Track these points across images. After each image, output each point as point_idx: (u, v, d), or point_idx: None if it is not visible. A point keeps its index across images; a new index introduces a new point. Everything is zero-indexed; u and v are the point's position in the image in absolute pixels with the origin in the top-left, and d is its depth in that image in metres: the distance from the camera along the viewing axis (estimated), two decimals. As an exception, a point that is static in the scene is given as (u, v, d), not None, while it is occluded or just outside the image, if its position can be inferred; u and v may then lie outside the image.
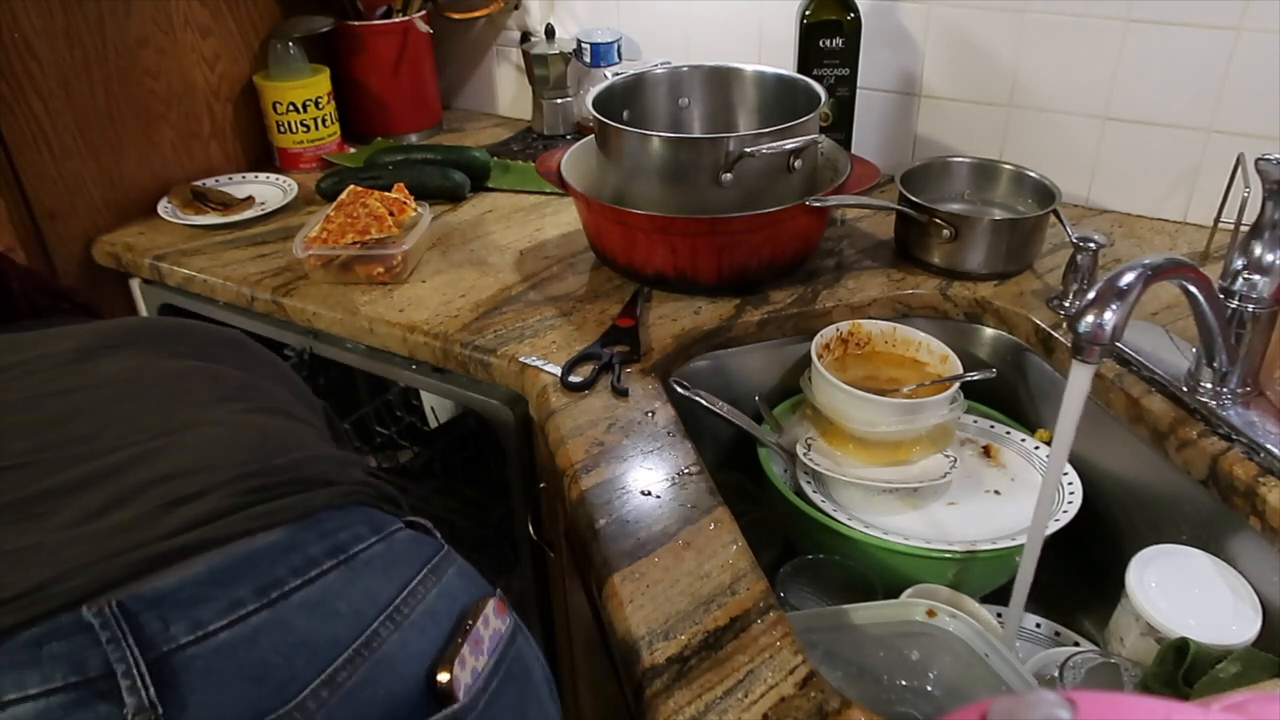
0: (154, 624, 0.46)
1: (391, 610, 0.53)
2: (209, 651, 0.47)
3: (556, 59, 1.42)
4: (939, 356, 0.96)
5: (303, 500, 0.55)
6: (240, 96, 1.36)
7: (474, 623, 0.56)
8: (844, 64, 1.14)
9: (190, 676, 0.46)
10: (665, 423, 0.83)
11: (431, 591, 0.56)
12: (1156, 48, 1.08)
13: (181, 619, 0.47)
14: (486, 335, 0.96)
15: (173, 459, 0.55)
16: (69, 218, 1.19)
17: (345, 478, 0.60)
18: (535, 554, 1.06)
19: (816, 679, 0.59)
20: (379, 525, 0.58)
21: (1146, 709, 0.30)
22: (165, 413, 0.59)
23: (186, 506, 0.52)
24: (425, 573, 0.57)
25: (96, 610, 0.45)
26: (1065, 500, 0.86)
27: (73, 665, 0.44)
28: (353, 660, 0.50)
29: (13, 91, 1.10)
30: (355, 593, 0.53)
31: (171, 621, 0.47)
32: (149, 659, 0.45)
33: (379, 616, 0.52)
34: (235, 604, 0.48)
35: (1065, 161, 1.18)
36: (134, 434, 0.56)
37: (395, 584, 0.55)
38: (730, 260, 0.98)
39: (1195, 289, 0.72)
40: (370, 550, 0.55)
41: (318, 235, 1.07)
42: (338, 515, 0.56)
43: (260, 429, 0.60)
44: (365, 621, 0.52)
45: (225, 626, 0.48)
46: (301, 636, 0.49)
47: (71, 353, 0.62)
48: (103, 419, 0.57)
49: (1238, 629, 0.72)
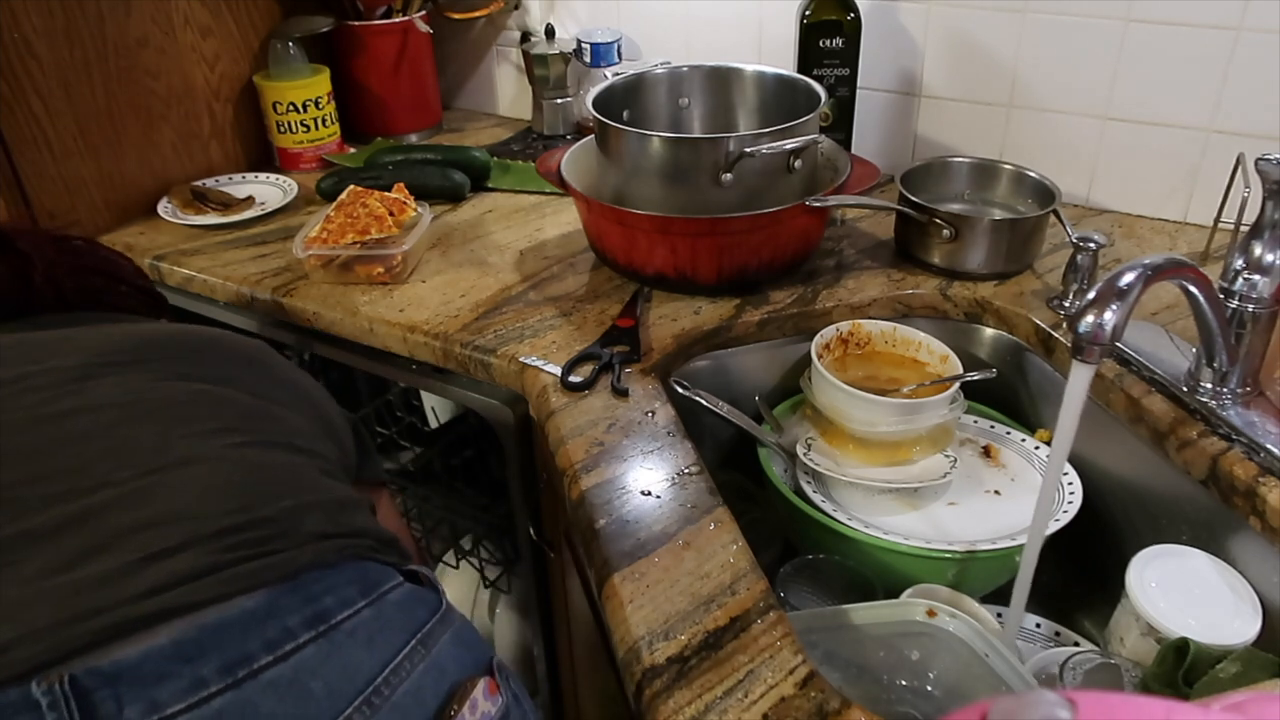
0: (108, 704, 0.43)
1: (371, 692, 0.49)
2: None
3: (556, 59, 1.42)
4: (939, 356, 0.96)
5: (288, 559, 0.52)
6: (240, 96, 1.36)
7: (459, 708, 0.52)
8: (844, 64, 1.14)
9: None
10: (665, 423, 0.83)
11: (419, 667, 0.53)
12: (1156, 48, 1.08)
13: (137, 700, 0.43)
14: (486, 335, 0.96)
15: (156, 503, 0.52)
16: (69, 218, 1.19)
17: (340, 527, 0.56)
18: (535, 554, 1.06)
19: (816, 679, 0.59)
20: (370, 585, 0.54)
21: (1146, 709, 0.30)
22: (159, 445, 0.56)
23: (163, 563, 0.49)
24: (414, 644, 0.53)
25: (46, 687, 0.42)
26: (1065, 500, 0.86)
27: None
28: None
29: (13, 91, 1.10)
30: (332, 670, 0.49)
31: (127, 703, 0.43)
32: None
33: (356, 699, 0.48)
34: (198, 683, 0.45)
35: (1065, 161, 1.18)
36: (122, 470, 0.54)
37: (378, 659, 0.51)
38: (730, 260, 0.98)
39: (1195, 289, 0.72)
40: (355, 618, 0.52)
41: (318, 235, 1.07)
42: (325, 575, 0.52)
43: (256, 469, 0.57)
44: (340, 704, 0.48)
45: (184, 710, 0.44)
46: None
47: (77, 369, 0.59)
48: (95, 449, 0.55)
49: (1238, 629, 0.72)
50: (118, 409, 0.57)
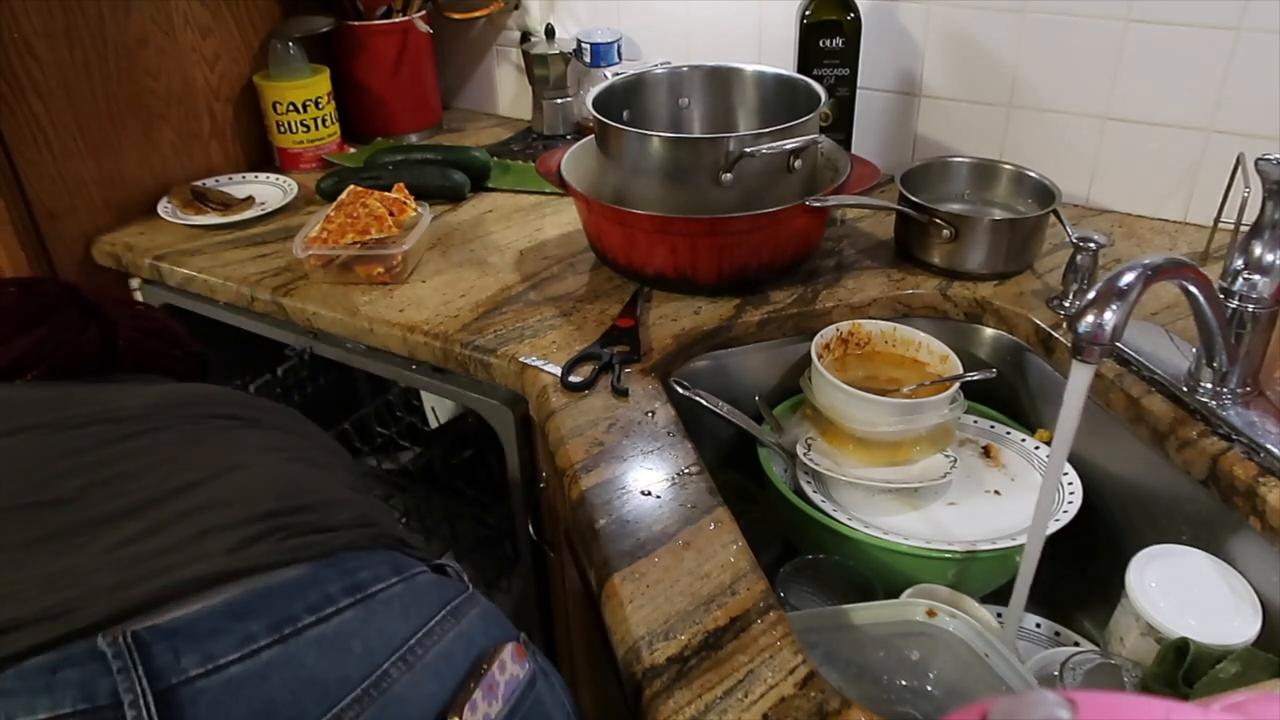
0: (165, 655, 0.47)
1: (405, 651, 0.53)
2: (218, 685, 0.48)
3: (556, 59, 1.42)
4: (939, 356, 0.96)
5: (327, 539, 0.56)
6: (240, 96, 1.36)
7: (489, 667, 0.56)
8: (844, 64, 1.14)
9: (196, 709, 0.47)
10: (665, 423, 0.83)
11: (449, 634, 0.56)
12: (1156, 48, 1.08)
13: (193, 651, 0.48)
14: (486, 335, 0.96)
15: (211, 493, 0.58)
16: (69, 218, 1.19)
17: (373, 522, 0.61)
18: (535, 554, 1.06)
19: (816, 679, 0.59)
20: (401, 567, 0.58)
21: (1146, 709, 0.30)
22: (213, 457, 0.62)
23: (215, 537, 0.54)
24: (444, 615, 0.57)
25: (110, 640, 0.47)
26: (1065, 500, 0.86)
27: (83, 693, 0.45)
28: (361, 700, 0.50)
29: (13, 91, 1.10)
30: (370, 632, 0.53)
31: (183, 653, 0.48)
32: (157, 690, 0.46)
33: (391, 656, 0.53)
34: (248, 638, 0.49)
35: (1065, 161, 1.18)
36: (180, 472, 0.60)
37: (411, 625, 0.55)
38: (730, 260, 0.98)
39: (1195, 289, 0.72)
40: (389, 590, 0.55)
41: (318, 235, 1.07)
42: (361, 556, 0.57)
43: (298, 475, 0.63)
44: (377, 661, 0.52)
45: (236, 660, 0.48)
46: (312, 673, 0.50)
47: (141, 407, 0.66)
48: (155, 459, 0.61)
49: (1238, 629, 0.72)
50: (176, 433, 0.65)
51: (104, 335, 0.78)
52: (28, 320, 0.76)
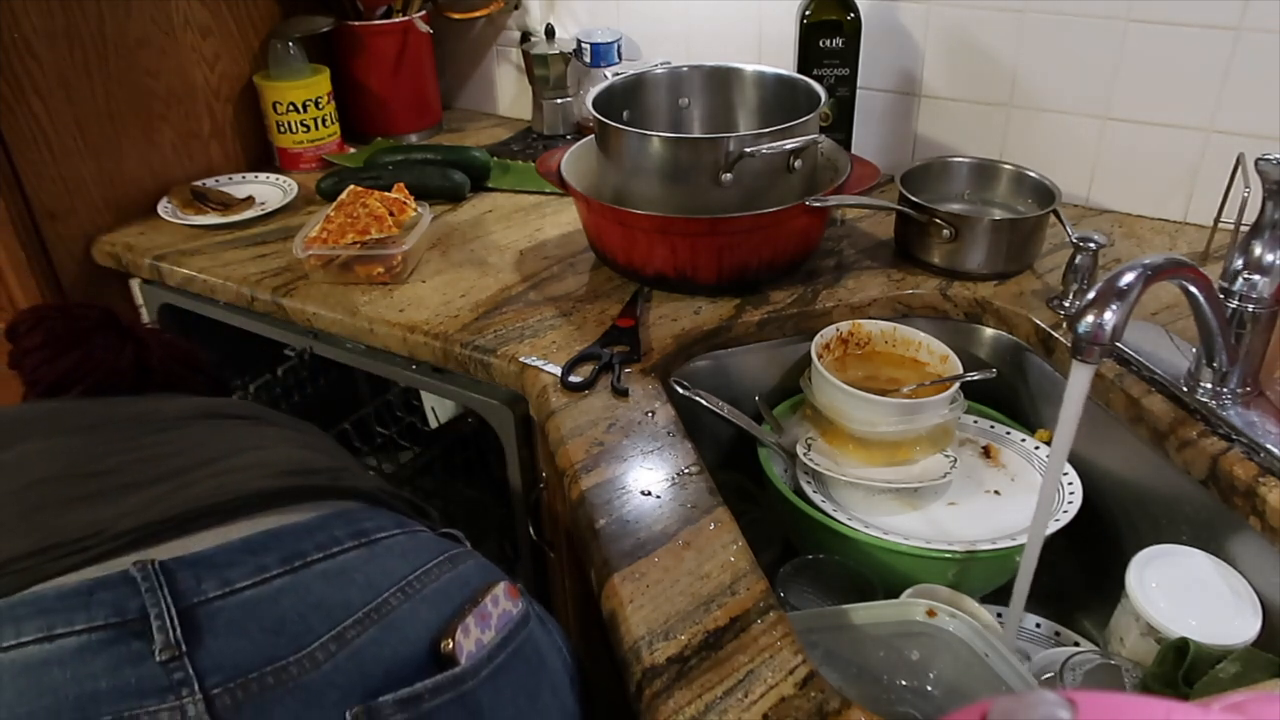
0: (188, 580, 0.54)
1: (404, 584, 0.59)
2: (234, 605, 0.54)
3: (556, 59, 1.42)
4: (939, 356, 0.96)
5: (336, 493, 0.64)
6: (240, 96, 1.36)
7: (483, 599, 0.61)
8: (844, 64, 1.14)
9: (214, 624, 0.53)
10: (665, 423, 0.83)
11: (446, 574, 0.61)
12: (1156, 48, 1.08)
13: (213, 577, 0.54)
14: (486, 335, 0.96)
15: (233, 462, 0.65)
16: (69, 218, 1.19)
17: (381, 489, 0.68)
18: (535, 554, 1.06)
19: (816, 679, 0.59)
20: (404, 523, 0.64)
21: (1146, 709, 0.30)
22: (236, 441, 0.70)
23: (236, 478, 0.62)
24: (442, 559, 0.62)
25: (140, 567, 0.53)
26: (1065, 500, 0.86)
27: (115, 609, 0.51)
28: (362, 621, 0.56)
29: (13, 91, 1.10)
30: (372, 569, 0.59)
31: (203, 579, 0.54)
32: (180, 607, 0.52)
33: (391, 588, 0.58)
34: (261, 568, 0.55)
35: (1065, 161, 1.18)
36: (206, 450, 0.67)
37: (410, 565, 0.60)
38: (730, 260, 0.98)
39: (1195, 289, 0.72)
40: (392, 539, 0.62)
41: (318, 235, 1.07)
42: (367, 509, 0.64)
43: (311, 456, 0.70)
44: (378, 590, 0.58)
45: (250, 585, 0.55)
46: (318, 599, 0.56)
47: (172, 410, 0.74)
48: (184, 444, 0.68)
49: (1238, 629, 0.72)
50: (204, 426, 0.72)
51: (139, 356, 0.85)
52: (71, 342, 0.83)
